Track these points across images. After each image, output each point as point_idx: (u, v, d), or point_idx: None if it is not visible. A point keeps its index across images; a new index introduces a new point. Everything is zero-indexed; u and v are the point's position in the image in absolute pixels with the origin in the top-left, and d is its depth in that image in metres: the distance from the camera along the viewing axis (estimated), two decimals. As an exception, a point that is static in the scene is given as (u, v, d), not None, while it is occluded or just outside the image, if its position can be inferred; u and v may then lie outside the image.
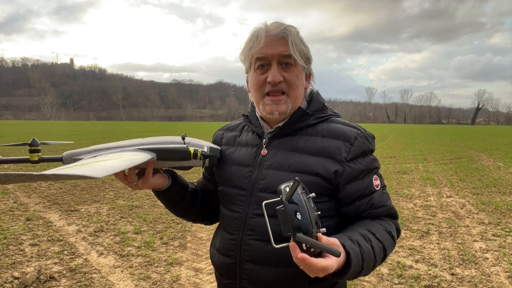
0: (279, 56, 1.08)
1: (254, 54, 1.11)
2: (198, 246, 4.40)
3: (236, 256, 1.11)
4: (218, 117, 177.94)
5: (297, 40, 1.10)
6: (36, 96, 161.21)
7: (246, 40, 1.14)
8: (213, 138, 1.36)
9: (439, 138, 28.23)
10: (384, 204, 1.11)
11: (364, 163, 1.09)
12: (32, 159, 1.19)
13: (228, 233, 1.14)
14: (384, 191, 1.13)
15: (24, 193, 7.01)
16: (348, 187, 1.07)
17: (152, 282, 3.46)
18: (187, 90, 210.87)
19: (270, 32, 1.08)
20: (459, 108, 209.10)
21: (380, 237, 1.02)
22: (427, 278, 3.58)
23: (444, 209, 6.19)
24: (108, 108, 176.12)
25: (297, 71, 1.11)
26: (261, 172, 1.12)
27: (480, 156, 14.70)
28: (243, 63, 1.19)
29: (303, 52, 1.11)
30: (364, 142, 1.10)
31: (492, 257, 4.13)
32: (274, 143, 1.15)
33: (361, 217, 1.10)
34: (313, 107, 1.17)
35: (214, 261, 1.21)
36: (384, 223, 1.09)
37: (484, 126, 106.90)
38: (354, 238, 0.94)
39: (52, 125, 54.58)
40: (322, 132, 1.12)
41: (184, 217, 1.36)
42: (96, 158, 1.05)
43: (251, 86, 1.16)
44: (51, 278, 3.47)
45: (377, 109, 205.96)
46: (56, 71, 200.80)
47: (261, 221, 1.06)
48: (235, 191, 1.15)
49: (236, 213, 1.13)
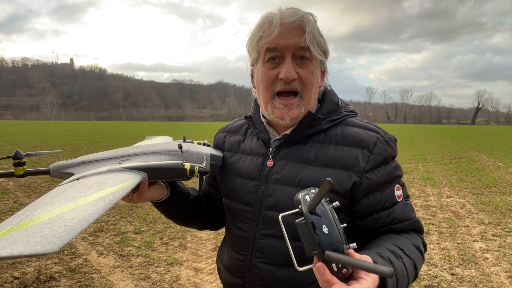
0: (295, 48, 0.92)
1: (264, 44, 0.94)
2: (198, 246, 4.40)
3: (245, 278, 1.02)
4: (218, 117, 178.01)
5: (315, 31, 0.94)
6: (36, 96, 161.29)
7: (255, 27, 0.97)
8: (215, 141, 1.24)
9: (439, 138, 28.22)
10: (408, 218, 0.97)
11: (385, 173, 0.95)
12: (17, 173, 1.10)
13: (236, 253, 1.05)
14: (407, 202, 0.99)
15: (24, 193, 7.01)
16: (364, 200, 0.94)
17: (152, 282, 3.46)
18: (187, 90, 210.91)
19: (285, 20, 0.92)
20: (459, 108, 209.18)
21: (409, 253, 0.88)
22: (427, 278, 3.58)
23: (444, 209, 6.19)
24: (108, 108, 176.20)
25: (313, 67, 0.96)
26: (268, 187, 0.99)
27: (480, 156, 14.70)
28: (249, 53, 1.03)
29: (321, 45, 0.96)
30: (385, 148, 0.96)
31: (492, 257, 4.13)
32: (282, 153, 1.01)
33: (381, 232, 0.96)
34: (325, 108, 1.02)
35: (222, 277, 1.13)
36: (410, 237, 0.95)
37: (484, 126, 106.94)
38: (385, 254, 0.81)
39: (52, 125, 54.60)
40: (336, 138, 0.98)
41: (187, 226, 1.26)
42: (74, 185, 0.92)
43: (259, 82, 1.00)
44: (51, 278, 3.47)
45: (377, 109, 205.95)
46: (56, 71, 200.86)
47: (271, 243, 0.97)
48: (240, 206, 1.04)
49: (243, 231, 1.03)
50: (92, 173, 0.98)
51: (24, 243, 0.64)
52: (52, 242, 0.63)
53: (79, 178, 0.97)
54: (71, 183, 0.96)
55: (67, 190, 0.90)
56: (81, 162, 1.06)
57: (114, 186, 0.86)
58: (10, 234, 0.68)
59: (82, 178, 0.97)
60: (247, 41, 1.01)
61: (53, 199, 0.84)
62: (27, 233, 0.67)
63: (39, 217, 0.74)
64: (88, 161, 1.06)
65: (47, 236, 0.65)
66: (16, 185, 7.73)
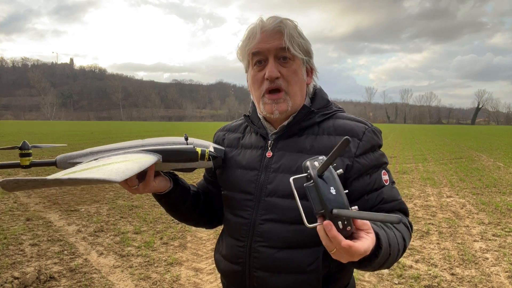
0: (276, 50, 1.04)
1: (250, 49, 1.07)
2: (198, 246, 4.40)
3: (245, 264, 1.07)
4: (218, 117, 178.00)
5: (294, 33, 1.05)
6: (36, 96, 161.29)
7: (242, 38, 1.10)
8: (214, 139, 1.30)
9: (439, 138, 28.23)
10: (395, 198, 1.06)
11: (373, 158, 1.06)
12: (23, 164, 1.09)
13: (236, 240, 1.10)
14: (394, 187, 1.10)
15: (24, 193, 7.00)
16: (355, 182, 1.03)
17: (152, 282, 3.46)
18: (187, 90, 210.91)
19: (265, 27, 1.04)
20: (459, 108, 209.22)
21: (399, 227, 0.97)
22: (427, 278, 3.58)
23: (444, 209, 6.19)
24: (108, 108, 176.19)
25: (295, 66, 1.07)
26: (268, 176, 1.07)
27: (480, 156, 14.70)
28: (242, 61, 1.15)
29: (301, 45, 1.07)
30: (373, 136, 1.07)
31: (492, 257, 4.13)
32: (280, 145, 1.10)
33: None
34: (317, 104, 1.13)
35: (221, 267, 1.17)
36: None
37: (484, 126, 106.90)
38: (378, 223, 0.89)
39: (52, 125, 54.58)
40: (328, 129, 1.09)
41: (185, 222, 1.30)
42: (99, 161, 0.96)
43: (251, 84, 1.12)
44: (51, 278, 3.47)
45: (377, 109, 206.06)
46: (56, 71, 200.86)
47: (271, 227, 1.03)
48: (241, 196, 1.10)
49: (244, 219, 1.09)
50: (109, 154, 1.03)
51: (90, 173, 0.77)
52: (115, 174, 0.76)
53: (97, 159, 1.01)
54: (91, 162, 0.99)
55: (93, 162, 0.96)
56: (90, 153, 1.08)
57: (139, 158, 0.94)
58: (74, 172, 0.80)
59: (101, 158, 1.01)
60: (237, 51, 1.13)
61: (88, 165, 0.91)
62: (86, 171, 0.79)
63: (87, 168, 0.84)
64: (96, 151, 1.09)
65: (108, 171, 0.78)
66: (16, 185, 7.74)
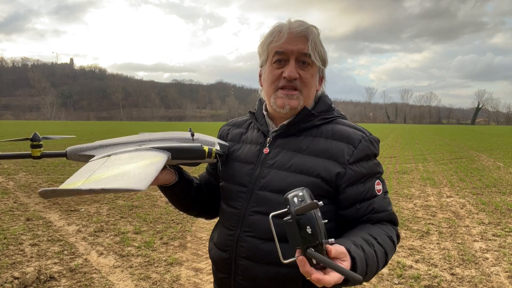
0: (298, 54, 1.09)
1: (273, 48, 1.11)
2: (198, 246, 4.40)
3: (232, 252, 1.12)
4: (218, 117, 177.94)
5: (317, 41, 1.11)
6: (36, 96, 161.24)
7: (266, 34, 1.14)
8: (219, 133, 1.37)
9: (439, 138, 28.23)
10: (385, 209, 1.10)
11: (367, 167, 1.08)
12: (34, 155, 1.15)
13: (227, 228, 1.15)
14: (386, 197, 1.13)
15: (24, 193, 7.01)
16: (348, 190, 1.06)
17: (152, 282, 3.46)
18: (187, 90, 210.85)
19: (293, 29, 1.09)
20: (459, 108, 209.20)
21: (382, 242, 1.01)
22: (427, 278, 3.59)
23: (444, 209, 6.19)
24: (108, 108, 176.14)
25: (312, 71, 1.12)
26: (262, 170, 1.12)
27: (480, 156, 14.70)
28: (260, 55, 1.18)
29: (321, 54, 1.12)
30: (369, 145, 1.09)
31: (492, 257, 4.13)
32: (278, 143, 1.15)
33: (361, 221, 1.08)
34: (319, 107, 1.17)
35: (211, 255, 1.22)
36: (385, 228, 1.08)
37: (484, 126, 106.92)
38: (358, 242, 0.93)
39: (52, 125, 54.60)
40: (326, 133, 1.12)
41: (187, 212, 1.36)
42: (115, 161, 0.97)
43: (265, 79, 1.15)
44: (51, 278, 3.47)
45: (377, 109, 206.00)
46: (56, 71, 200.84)
47: (259, 219, 1.08)
48: (235, 187, 1.16)
49: (235, 209, 1.14)
50: (121, 151, 1.04)
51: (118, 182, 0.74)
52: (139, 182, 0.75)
53: (110, 155, 1.03)
54: (104, 158, 1.01)
55: (108, 161, 0.97)
56: (100, 146, 1.12)
57: (152, 158, 0.96)
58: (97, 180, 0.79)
59: (113, 155, 1.03)
60: (259, 45, 1.17)
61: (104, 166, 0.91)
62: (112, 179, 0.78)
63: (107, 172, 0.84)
64: (106, 144, 1.12)
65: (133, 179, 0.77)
66: (16, 185, 7.74)
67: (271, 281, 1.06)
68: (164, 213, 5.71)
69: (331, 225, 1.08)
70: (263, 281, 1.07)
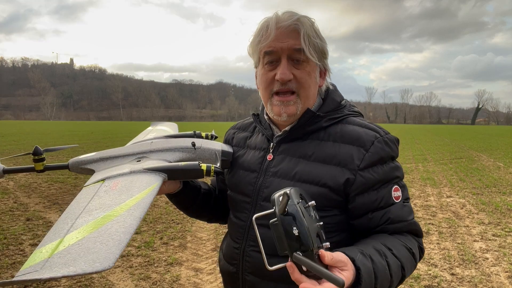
0: (290, 51, 0.97)
1: (262, 48, 1.00)
2: (198, 246, 4.40)
3: (239, 266, 1.06)
4: (218, 117, 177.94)
5: (311, 32, 0.98)
6: (36, 96, 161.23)
7: (255, 32, 1.03)
8: (225, 137, 1.31)
9: (439, 138, 28.22)
10: (403, 219, 0.97)
11: (381, 172, 0.96)
12: (37, 168, 1.15)
13: (233, 241, 1.10)
14: (406, 204, 0.99)
15: (24, 193, 7.01)
16: (358, 198, 0.95)
17: (152, 282, 3.46)
18: (187, 90, 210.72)
19: (281, 24, 0.97)
20: (459, 108, 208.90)
21: (398, 253, 0.89)
22: (427, 278, 3.58)
23: (444, 209, 6.19)
24: (108, 108, 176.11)
25: (309, 68, 1.00)
26: (266, 179, 1.04)
27: (480, 156, 14.70)
28: (251, 56, 1.08)
29: (317, 46, 0.99)
30: (383, 147, 0.97)
31: (492, 257, 4.13)
32: (282, 148, 1.06)
33: (374, 232, 0.97)
34: (326, 106, 1.06)
35: (220, 266, 1.18)
36: (404, 238, 0.96)
37: (484, 126, 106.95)
38: (367, 252, 0.83)
39: (52, 125, 54.61)
40: (334, 136, 1.01)
41: (197, 218, 1.33)
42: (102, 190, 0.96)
43: (259, 83, 1.06)
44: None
45: (377, 109, 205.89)
46: (56, 71, 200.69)
47: (264, 232, 0.95)
48: (240, 197, 1.10)
49: (241, 221, 1.08)
50: (115, 174, 1.02)
51: (83, 259, 0.70)
52: (107, 258, 0.69)
53: (104, 180, 1.02)
54: (97, 184, 1.00)
55: (98, 195, 0.94)
56: (100, 159, 1.12)
57: (142, 191, 0.91)
58: (65, 249, 0.74)
59: (107, 179, 1.01)
60: (248, 45, 1.06)
61: (89, 207, 0.89)
62: (82, 248, 0.73)
63: (85, 228, 0.80)
64: (106, 157, 1.12)
65: (101, 252, 0.71)
66: (16, 185, 7.74)
67: None
68: (164, 213, 5.71)
69: (344, 237, 0.99)
70: None
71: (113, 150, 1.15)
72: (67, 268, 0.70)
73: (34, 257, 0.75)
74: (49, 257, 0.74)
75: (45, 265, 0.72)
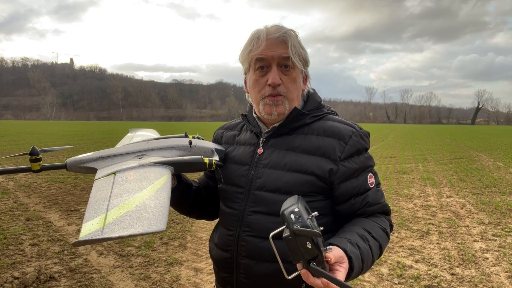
0: (279, 58, 1.11)
1: (254, 55, 1.13)
2: (198, 246, 4.40)
3: (233, 251, 1.15)
4: (218, 117, 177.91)
5: (296, 43, 1.13)
6: (36, 96, 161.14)
7: (246, 42, 1.16)
8: (214, 137, 1.40)
9: (439, 138, 28.23)
10: (378, 202, 1.14)
11: (359, 162, 1.12)
12: (34, 168, 1.17)
13: (226, 229, 1.18)
14: (379, 189, 1.16)
15: (24, 193, 7.01)
16: (342, 186, 1.10)
17: (152, 282, 3.46)
18: (187, 90, 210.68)
19: (271, 35, 1.11)
20: (459, 108, 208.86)
21: (376, 235, 1.06)
22: (427, 278, 3.59)
23: (444, 209, 6.19)
24: (108, 108, 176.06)
25: (295, 74, 1.14)
26: (258, 170, 1.15)
27: (480, 156, 14.70)
28: (242, 64, 1.21)
29: (302, 56, 1.15)
30: (359, 140, 1.13)
31: (492, 257, 4.14)
32: (271, 142, 1.18)
33: (355, 215, 1.13)
34: (309, 106, 1.20)
35: (212, 255, 1.25)
36: (378, 220, 1.13)
37: (484, 126, 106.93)
38: (353, 240, 0.97)
39: (52, 125, 54.60)
40: (317, 130, 1.15)
41: (188, 215, 1.39)
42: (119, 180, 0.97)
43: (251, 87, 1.18)
44: (51, 278, 3.48)
45: (377, 109, 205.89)
46: (56, 71, 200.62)
47: (258, 218, 1.12)
48: (233, 189, 1.19)
49: (234, 210, 1.17)
50: (125, 167, 1.04)
51: (139, 224, 0.75)
52: (159, 222, 0.76)
53: (115, 173, 1.03)
54: (110, 177, 1.02)
55: (118, 183, 0.96)
56: (99, 157, 1.13)
57: (159, 179, 0.96)
58: (116, 219, 0.78)
59: (118, 172, 1.03)
60: (240, 53, 1.19)
61: (115, 191, 0.91)
62: (132, 217, 0.78)
63: (124, 205, 0.84)
64: (105, 156, 1.14)
65: (152, 219, 0.77)
66: (16, 185, 7.74)
67: (272, 277, 1.09)
68: (164, 213, 5.71)
69: (328, 220, 1.13)
70: (264, 277, 1.10)
71: (111, 150, 1.17)
72: (128, 230, 0.74)
73: (85, 228, 0.77)
74: (103, 226, 0.76)
75: (104, 231, 0.75)
